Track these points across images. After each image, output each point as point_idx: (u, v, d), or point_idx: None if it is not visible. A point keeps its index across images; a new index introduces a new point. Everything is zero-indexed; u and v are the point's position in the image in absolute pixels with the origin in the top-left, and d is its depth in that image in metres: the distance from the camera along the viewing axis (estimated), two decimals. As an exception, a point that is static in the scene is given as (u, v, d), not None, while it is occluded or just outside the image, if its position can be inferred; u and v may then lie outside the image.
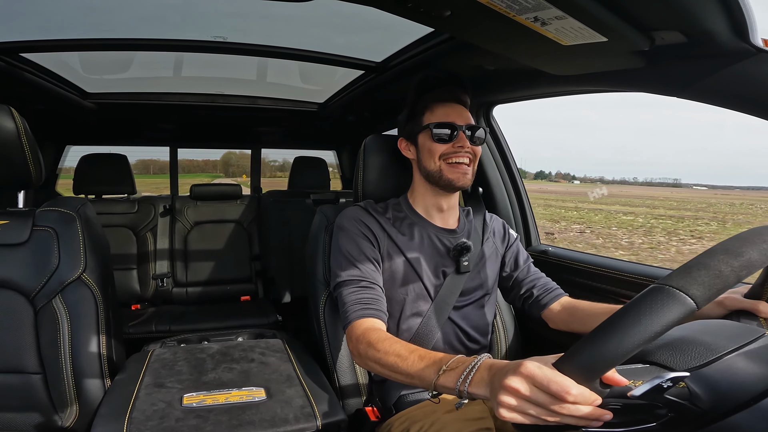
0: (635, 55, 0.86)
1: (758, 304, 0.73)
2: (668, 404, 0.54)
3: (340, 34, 1.47)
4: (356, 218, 1.08)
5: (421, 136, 1.07)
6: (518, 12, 0.72)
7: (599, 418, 0.54)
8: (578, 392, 0.52)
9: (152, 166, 5.26)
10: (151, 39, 1.46)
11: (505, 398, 0.58)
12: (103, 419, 0.85)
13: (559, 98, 1.45)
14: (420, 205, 1.12)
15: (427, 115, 1.06)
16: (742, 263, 0.53)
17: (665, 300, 0.51)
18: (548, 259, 1.62)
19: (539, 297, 1.13)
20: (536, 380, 0.55)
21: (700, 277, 0.52)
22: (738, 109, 0.79)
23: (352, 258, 1.02)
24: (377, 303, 0.98)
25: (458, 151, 1.03)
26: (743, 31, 0.69)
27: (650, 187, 63.68)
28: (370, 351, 0.87)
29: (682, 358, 0.56)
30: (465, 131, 1.03)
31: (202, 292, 2.58)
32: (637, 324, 0.50)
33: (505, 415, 0.58)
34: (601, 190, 32.35)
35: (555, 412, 0.54)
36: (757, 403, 0.52)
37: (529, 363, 0.57)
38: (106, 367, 1.07)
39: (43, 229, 1.07)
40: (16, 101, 1.19)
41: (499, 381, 0.60)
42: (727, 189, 54.25)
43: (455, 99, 1.07)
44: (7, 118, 1.02)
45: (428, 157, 1.05)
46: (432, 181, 1.07)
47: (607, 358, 0.51)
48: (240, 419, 0.86)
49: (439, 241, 1.09)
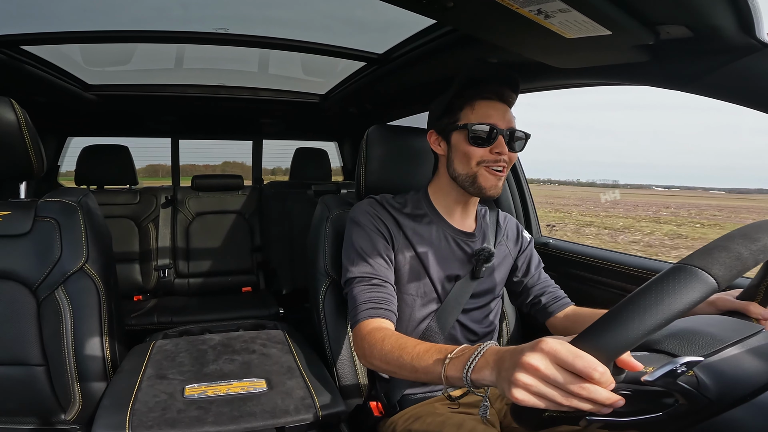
0: (640, 49, 0.85)
1: (749, 305, 0.73)
2: (680, 391, 0.54)
3: (342, 26, 1.46)
4: (371, 213, 1.04)
5: (455, 134, 1.00)
6: (522, 4, 0.71)
7: (614, 404, 0.52)
8: (603, 371, 0.50)
9: (161, 170, 5.33)
10: (153, 31, 1.45)
11: (521, 376, 0.53)
12: (106, 411, 0.86)
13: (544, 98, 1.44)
14: (441, 203, 1.08)
15: (466, 111, 0.98)
16: (759, 247, 0.54)
17: (688, 279, 0.50)
18: (549, 251, 1.63)
19: (546, 305, 1.12)
20: (559, 357, 0.51)
21: (721, 258, 0.52)
22: (744, 104, 0.79)
23: (365, 254, 0.98)
24: (387, 302, 0.95)
25: (496, 159, 0.96)
26: (750, 26, 0.68)
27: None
28: (374, 350, 0.85)
29: (689, 347, 0.56)
30: (505, 135, 0.96)
31: (203, 283, 2.59)
32: (659, 302, 0.49)
33: (518, 395, 0.53)
34: (613, 193, 32.24)
35: (573, 393, 0.51)
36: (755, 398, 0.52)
37: (550, 339, 0.54)
38: (108, 358, 1.08)
39: (45, 219, 1.08)
40: (17, 93, 1.19)
41: (513, 360, 0.56)
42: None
43: (500, 97, 0.98)
44: (8, 110, 1.02)
45: (462, 159, 0.99)
46: (460, 183, 1.01)
47: (628, 338, 0.49)
48: (241, 410, 0.86)
49: (455, 245, 1.06)
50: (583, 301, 1.12)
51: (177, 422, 0.82)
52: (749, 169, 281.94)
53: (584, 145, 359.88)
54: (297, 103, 2.36)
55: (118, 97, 2.15)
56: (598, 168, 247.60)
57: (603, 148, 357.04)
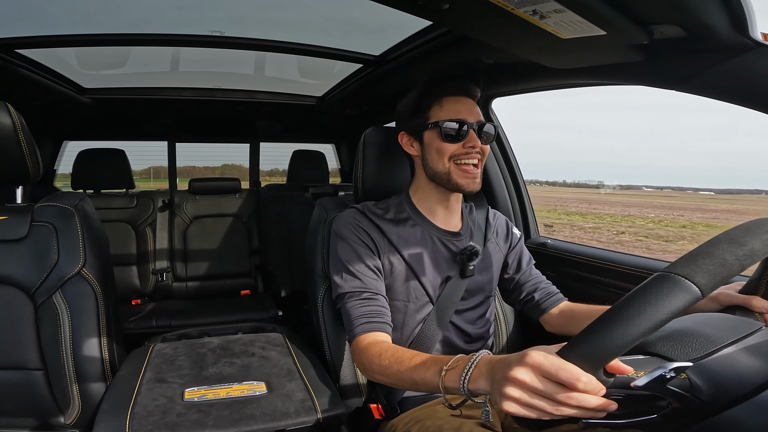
0: (634, 48, 0.86)
1: (751, 299, 0.72)
2: (670, 395, 0.54)
3: (338, 28, 1.46)
4: (354, 224, 1.03)
5: (427, 133, 1.01)
6: (517, 5, 0.71)
7: (605, 409, 0.53)
8: (588, 380, 0.51)
9: (162, 172, 5.35)
10: (148, 34, 1.46)
11: (509, 390, 0.55)
12: (106, 415, 0.86)
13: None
14: (423, 205, 1.08)
15: (435, 110, 1.00)
16: (745, 252, 0.53)
17: (671, 288, 0.50)
18: (547, 251, 1.63)
19: (540, 301, 1.12)
20: (543, 369, 0.53)
21: (705, 265, 0.52)
22: (737, 103, 0.79)
23: (353, 268, 0.99)
24: (381, 315, 0.96)
25: (469, 152, 0.98)
26: (743, 25, 0.69)
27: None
28: (374, 364, 0.86)
29: (683, 350, 0.56)
30: (475, 129, 0.98)
31: (202, 286, 2.59)
32: (642, 312, 0.49)
33: (509, 408, 0.55)
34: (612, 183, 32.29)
35: (562, 403, 0.52)
36: (754, 397, 0.52)
37: (533, 352, 0.55)
38: (107, 362, 1.07)
39: (41, 224, 1.07)
40: (12, 97, 1.19)
41: (502, 373, 0.57)
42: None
43: (466, 92, 1.00)
44: (4, 114, 1.02)
45: (436, 157, 1.00)
46: (438, 181, 1.02)
47: (612, 347, 0.50)
48: (241, 413, 0.86)
49: (442, 245, 1.06)
50: (581, 300, 1.12)
51: (177, 426, 0.82)
52: (730, 170, 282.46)
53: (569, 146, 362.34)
54: (294, 106, 2.36)
55: (113, 100, 2.15)
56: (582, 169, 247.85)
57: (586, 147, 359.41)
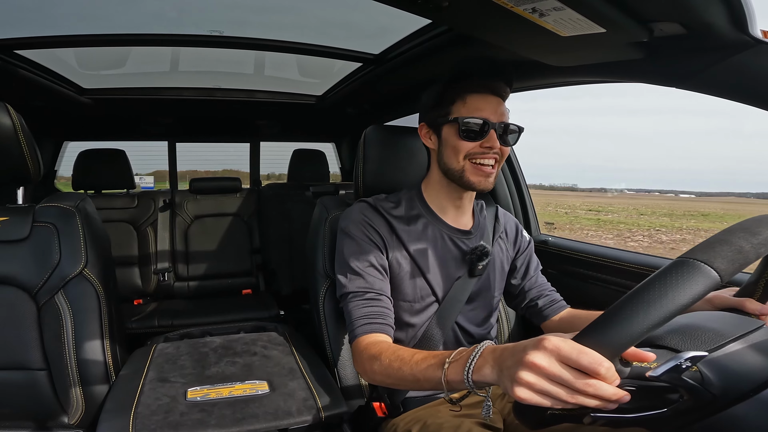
0: (634, 46, 0.86)
1: (745, 302, 0.73)
2: (684, 386, 0.54)
3: (337, 26, 1.46)
4: (362, 221, 1.01)
5: (445, 127, 0.97)
6: (516, 3, 0.71)
7: (620, 399, 0.51)
8: (609, 366, 0.49)
9: (167, 175, 5.40)
10: (147, 34, 1.45)
11: (524, 375, 0.53)
12: (109, 414, 0.86)
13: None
14: (435, 201, 1.06)
15: (457, 105, 0.95)
16: (760, 241, 0.54)
17: (691, 272, 0.50)
18: (548, 249, 1.63)
19: (542, 308, 1.11)
20: (563, 354, 0.51)
21: (723, 252, 0.52)
22: (737, 100, 0.79)
23: (358, 267, 0.97)
24: (383, 316, 0.94)
25: (486, 152, 0.94)
26: (743, 22, 0.68)
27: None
28: (374, 364, 0.84)
29: (692, 343, 0.56)
30: (497, 129, 0.94)
31: (203, 286, 2.59)
32: (663, 296, 0.49)
33: (521, 394, 0.53)
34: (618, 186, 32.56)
35: (579, 390, 0.51)
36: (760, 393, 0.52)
37: (552, 337, 0.53)
38: (110, 362, 1.08)
39: (43, 224, 1.07)
40: (12, 98, 1.19)
41: (515, 358, 0.55)
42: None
43: (493, 91, 0.95)
44: (4, 115, 1.02)
45: (451, 153, 0.97)
46: (451, 178, 0.99)
47: (632, 332, 0.49)
48: (243, 412, 0.87)
49: (452, 243, 1.04)
50: (582, 297, 1.13)
51: (180, 425, 0.82)
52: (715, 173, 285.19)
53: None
54: (294, 105, 2.35)
55: (113, 100, 2.15)
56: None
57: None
